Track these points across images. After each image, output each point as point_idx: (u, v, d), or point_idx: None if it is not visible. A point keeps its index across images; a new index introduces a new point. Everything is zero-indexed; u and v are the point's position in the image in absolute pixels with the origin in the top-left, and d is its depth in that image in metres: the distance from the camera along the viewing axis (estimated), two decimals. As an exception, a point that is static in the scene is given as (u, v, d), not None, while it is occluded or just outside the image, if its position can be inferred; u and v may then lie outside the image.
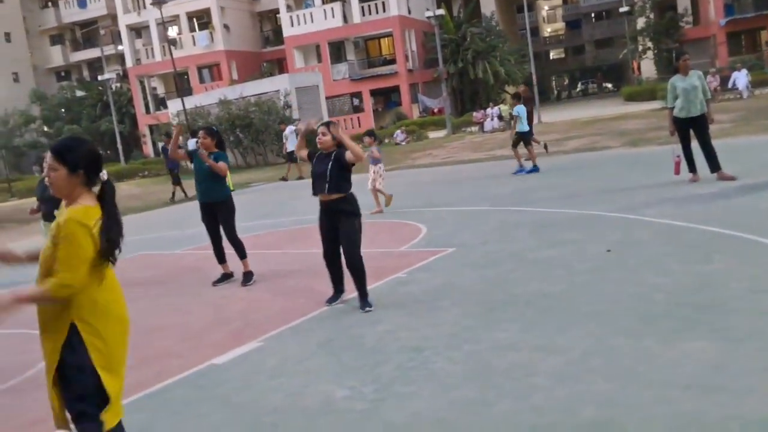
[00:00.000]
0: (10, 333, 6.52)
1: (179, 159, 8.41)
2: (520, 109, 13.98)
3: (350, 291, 6.10)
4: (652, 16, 41.17)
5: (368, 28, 39.37)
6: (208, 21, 42.99)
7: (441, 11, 33.07)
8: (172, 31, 43.51)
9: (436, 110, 38.09)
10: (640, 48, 40.95)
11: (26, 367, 5.46)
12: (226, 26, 42.74)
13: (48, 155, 2.92)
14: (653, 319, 4.70)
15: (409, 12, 40.05)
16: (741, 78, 27.56)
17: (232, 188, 18.28)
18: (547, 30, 75.11)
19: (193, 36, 43.22)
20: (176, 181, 18.48)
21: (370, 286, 6.31)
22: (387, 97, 40.28)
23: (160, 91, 46.24)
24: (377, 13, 39.15)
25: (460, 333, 4.93)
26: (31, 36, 52.56)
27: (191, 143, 19.21)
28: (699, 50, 39.09)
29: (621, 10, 44.17)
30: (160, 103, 44.79)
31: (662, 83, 35.97)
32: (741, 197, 8.39)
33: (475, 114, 31.34)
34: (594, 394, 3.66)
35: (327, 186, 5.76)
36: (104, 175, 3.00)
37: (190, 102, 31.77)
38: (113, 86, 41.10)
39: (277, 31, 45.42)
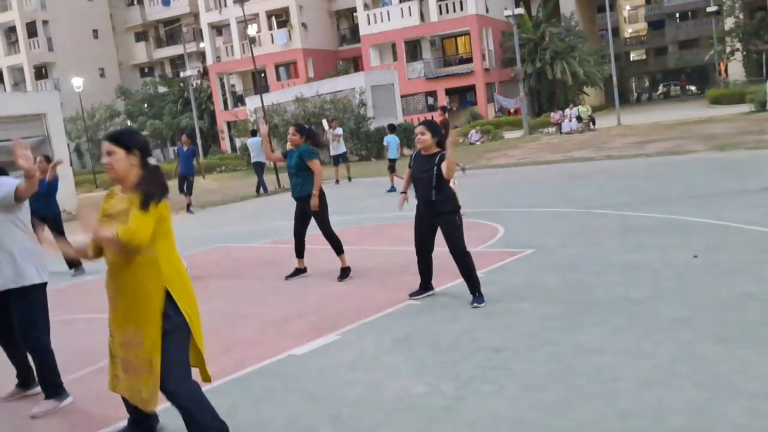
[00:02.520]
0: (94, 318, 6.79)
1: (275, 161, 8.50)
2: (390, 140, 15.91)
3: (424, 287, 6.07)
4: (741, 16, 39.45)
5: (445, 26, 39.22)
6: (286, 19, 43.76)
7: (520, 10, 32.58)
8: (252, 29, 44.41)
9: (512, 110, 37.59)
10: (728, 49, 39.27)
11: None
12: (303, 24, 43.41)
13: (105, 144, 3.25)
14: (747, 327, 4.49)
15: (487, 11, 39.69)
16: None
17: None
18: (628, 30, 73.05)
19: (271, 34, 44.06)
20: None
21: (447, 285, 6.29)
22: (462, 96, 40.03)
23: (239, 88, 47.35)
24: (454, 11, 38.95)
25: (540, 334, 4.83)
26: (117, 33, 54.74)
27: (253, 142, 19.37)
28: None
29: (708, 9, 42.55)
30: (238, 100, 45.86)
31: (751, 86, 34.45)
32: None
33: (552, 115, 30.76)
34: (684, 402, 3.52)
35: (433, 192, 5.68)
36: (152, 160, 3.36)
37: (267, 99, 32.40)
38: (194, 83, 42.37)
39: (354, 29, 45.80)
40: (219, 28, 46.86)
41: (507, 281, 6.38)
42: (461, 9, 38.67)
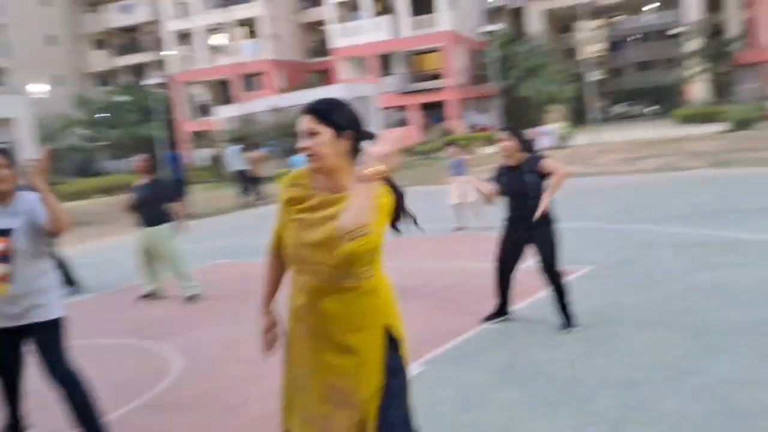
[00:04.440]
0: (111, 343, 5.96)
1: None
2: (295, 160, 15.56)
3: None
4: (703, 39, 40.25)
5: (417, 42, 38.94)
6: (255, 29, 42.88)
7: (495, 26, 32.50)
8: (218, 39, 43.46)
9: (483, 127, 37.43)
10: (693, 71, 39.99)
11: (151, 382, 4.86)
12: (273, 35, 42.60)
13: (304, 120, 2.34)
14: None
15: (459, 28, 39.58)
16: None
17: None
18: (589, 51, 74.33)
19: (239, 44, 43.10)
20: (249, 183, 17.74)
21: (515, 307, 5.64)
22: (433, 112, 39.73)
23: (203, 98, 46.15)
24: (427, 27, 38.71)
25: (670, 364, 4.24)
26: (75, 40, 52.92)
27: (232, 152, 18.62)
28: (754, 75, 38.14)
29: (672, 32, 43.41)
30: (203, 110, 44.69)
31: (716, 106, 35.08)
32: None
33: (527, 133, 30.57)
34: None
35: (531, 202, 4.99)
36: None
37: (237, 110, 31.54)
38: (156, 92, 41.09)
39: (324, 42, 45.21)
40: (183, 36, 45.66)
41: (584, 302, 5.76)
42: (434, 25, 38.46)
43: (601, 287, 6.20)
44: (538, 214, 4.94)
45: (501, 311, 5.44)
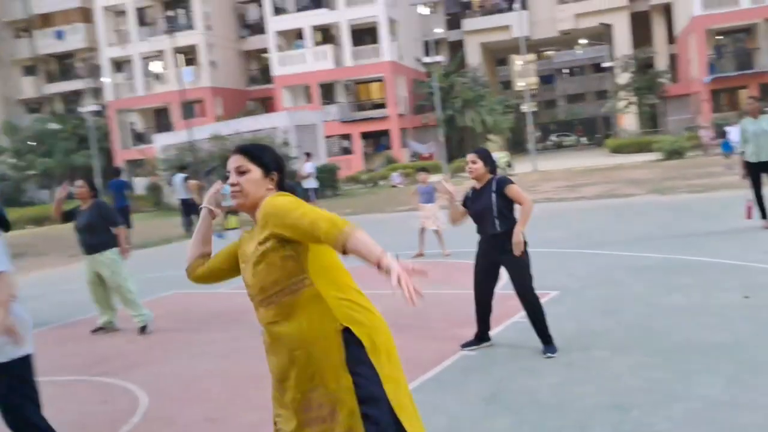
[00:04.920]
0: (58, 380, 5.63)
1: None
2: (226, 190, 15.68)
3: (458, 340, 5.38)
4: (632, 73, 41.99)
5: (360, 71, 39.24)
6: (194, 57, 42.36)
7: (436, 58, 33.11)
8: (156, 66, 42.76)
9: (426, 155, 37.85)
10: (623, 103, 41.62)
11: (115, 423, 4.59)
12: (212, 63, 42.18)
13: (234, 159, 2.49)
14: None
15: (401, 58, 40.12)
16: (734, 133, 27.82)
17: (236, 226, 17.58)
18: (521, 84, 76.45)
19: (178, 71, 42.45)
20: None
21: (492, 332, 5.61)
22: (377, 141, 39.97)
23: (140, 126, 45.18)
24: (369, 57, 39.09)
25: (655, 388, 4.26)
26: (3, 66, 51.09)
27: (177, 179, 18.22)
28: (681, 106, 39.91)
29: (605, 65, 45.12)
30: (139, 138, 43.75)
31: (646, 137, 36.58)
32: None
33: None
34: None
35: (497, 221, 5.07)
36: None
37: (176, 137, 30.89)
38: (92, 119, 39.97)
39: (264, 70, 45.03)
40: (120, 64, 44.72)
41: (556, 327, 5.73)
42: (376, 56, 38.87)
43: (569, 312, 6.24)
44: (516, 251, 4.98)
45: (482, 337, 5.40)
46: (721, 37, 36.95)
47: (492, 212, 5.07)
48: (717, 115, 35.05)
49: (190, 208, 17.33)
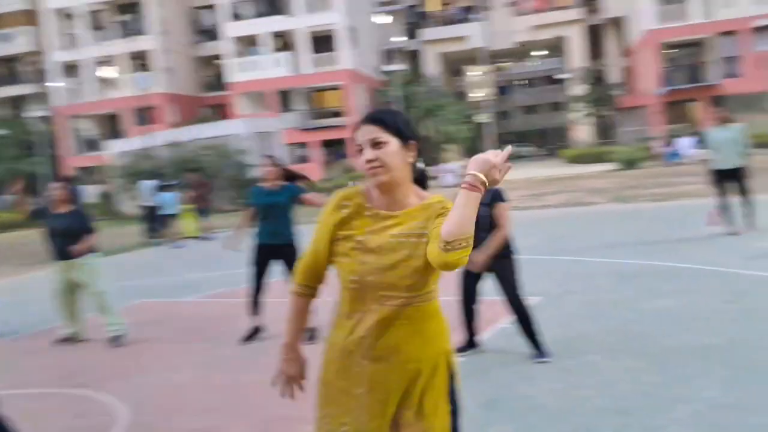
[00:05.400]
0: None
1: (251, 219, 7.13)
2: (166, 197, 16.33)
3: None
4: (586, 85, 42.82)
5: (318, 79, 39.01)
6: (148, 63, 41.52)
7: (395, 67, 33.15)
8: (108, 71, 41.78)
9: (384, 164, 37.79)
10: (578, 114, 42.37)
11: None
12: (167, 69, 41.40)
13: (367, 128, 2.13)
14: None
15: (359, 67, 40.05)
16: (686, 144, 28.53)
17: (195, 234, 17.19)
18: (477, 95, 77.33)
19: (131, 77, 41.57)
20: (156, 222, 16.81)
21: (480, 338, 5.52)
22: (335, 149, 39.74)
23: (91, 132, 44.03)
24: (328, 65, 38.91)
25: (654, 392, 4.21)
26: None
27: (147, 186, 17.83)
28: (633, 118, 40.79)
29: (560, 76, 45.89)
30: (91, 145, 42.63)
31: (601, 147, 37.31)
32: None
33: (432, 170, 31.20)
34: None
35: (482, 235, 4.91)
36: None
37: (130, 144, 30.19)
38: (39, 125, 38.79)
39: (220, 76, 44.41)
40: (70, 68, 43.52)
41: (545, 332, 5.68)
42: (334, 63, 38.72)
43: (556, 317, 6.19)
44: (477, 267, 4.95)
45: (470, 343, 5.30)
46: (673, 50, 37.96)
47: (486, 225, 4.97)
48: (669, 127, 35.95)
49: (154, 216, 16.95)
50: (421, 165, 2.24)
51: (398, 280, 2.09)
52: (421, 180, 2.24)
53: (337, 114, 39.92)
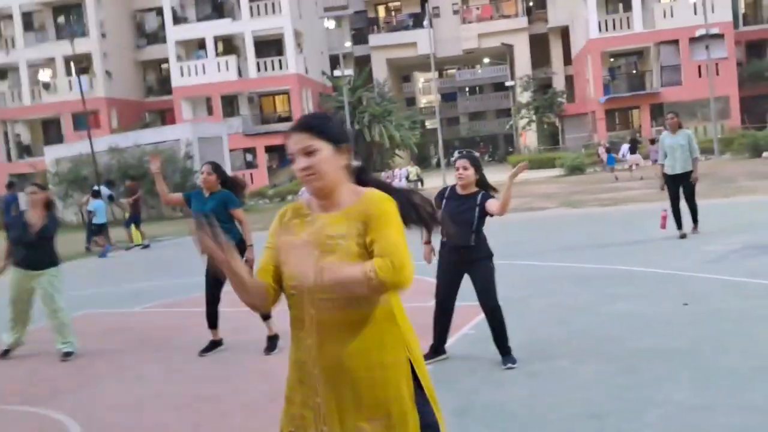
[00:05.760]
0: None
1: (174, 204, 6.92)
2: (97, 205, 15.97)
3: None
4: (531, 92, 43.56)
5: (265, 83, 38.53)
6: (87, 66, 40.26)
7: (349, 71, 33.06)
8: (45, 74, 40.40)
9: (332, 170, 37.58)
10: (524, 121, 43.03)
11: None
12: (107, 73, 40.25)
13: (296, 137, 2.09)
14: None
15: (306, 71, 39.74)
16: (625, 149, 29.15)
17: (140, 242, 16.67)
18: (423, 101, 77.84)
19: (69, 80, 40.25)
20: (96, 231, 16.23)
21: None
22: (282, 155, 39.28)
23: (26, 138, 42.47)
24: (274, 69, 38.48)
25: (625, 395, 4.18)
26: None
27: (103, 191, 17.37)
28: (578, 125, 41.67)
29: (507, 84, 46.54)
30: (26, 151, 41.15)
31: (548, 153, 37.96)
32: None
33: (384, 175, 31.16)
34: None
35: (472, 237, 4.90)
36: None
37: (69, 150, 29.17)
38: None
39: (162, 81, 43.44)
40: (4, 71, 41.93)
41: (511, 337, 5.63)
42: (281, 68, 38.32)
43: (518, 322, 6.09)
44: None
45: (438, 350, 5.17)
46: (615, 59, 38.92)
47: (471, 226, 4.92)
48: (612, 134, 36.82)
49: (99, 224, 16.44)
50: (357, 164, 2.20)
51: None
52: (360, 177, 2.20)
53: (283, 119, 39.50)
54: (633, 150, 24.37)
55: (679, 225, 9.92)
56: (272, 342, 5.96)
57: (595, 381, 4.47)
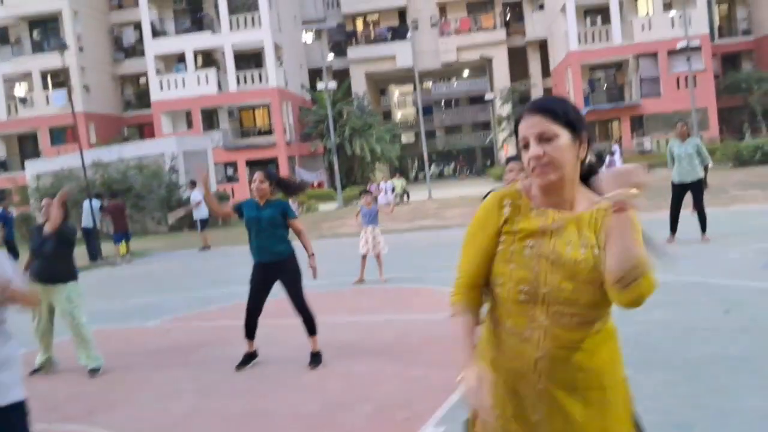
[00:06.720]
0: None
1: (226, 216, 6.73)
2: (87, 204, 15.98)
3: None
4: (511, 105, 43.85)
5: (245, 97, 38.25)
6: (65, 80, 39.61)
7: (331, 84, 32.97)
8: (21, 89, 39.70)
9: (315, 184, 37.37)
10: (504, 133, 43.29)
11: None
12: (85, 87, 39.65)
13: (533, 119, 1.86)
14: None
15: (286, 85, 39.56)
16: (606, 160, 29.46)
17: (124, 252, 16.34)
18: (399, 115, 78.00)
19: (46, 95, 39.59)
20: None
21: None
22: (263, 168, 39.02)
23: (1, 153, 41.59)
24: (254, 83, 38.22)
25: (700, 404, 4.08)
26: None
27: (87, 207, 17.04)
28: (557, 137, 41.95)
29: (487, 97, 46.82)
30: (2, 166, 40.29)
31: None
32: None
33: (370, 187, 31.00)
34: None
35: None
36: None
37: (49, 165, 28.63)
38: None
39: (140, 95, 42.92)
40: (-23, 86, 41.08)
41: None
42: (261, 81, 38.09)
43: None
44: None
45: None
46: (594, 71, 39.37)
47: None
48: (593, 145, 37.07)
49: (91, 237, 16.21)
50: (591, 159, 1.95)
51: (578, 295, 1.80)
52: (587, 177, 1.95)
53: (264, 133, 39.26)
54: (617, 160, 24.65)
55: (673, 231, 10.02)
56: (315, 358, 5.78)
57: (664, 390, 4.38)
